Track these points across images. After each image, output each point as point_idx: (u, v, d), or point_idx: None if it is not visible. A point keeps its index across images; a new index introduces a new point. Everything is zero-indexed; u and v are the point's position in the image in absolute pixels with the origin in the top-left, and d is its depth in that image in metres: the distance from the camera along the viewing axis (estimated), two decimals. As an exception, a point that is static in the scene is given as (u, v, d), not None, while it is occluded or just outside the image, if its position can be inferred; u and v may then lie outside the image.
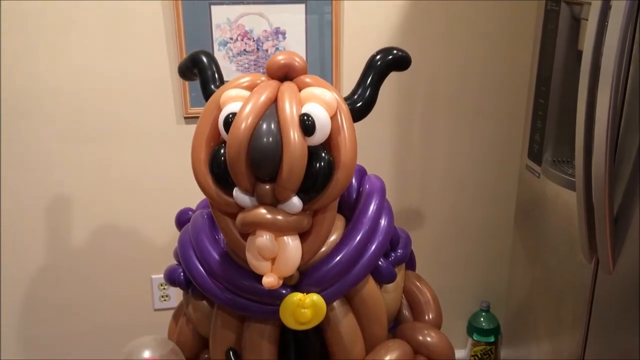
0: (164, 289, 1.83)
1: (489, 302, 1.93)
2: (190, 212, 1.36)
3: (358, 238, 1.15)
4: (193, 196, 1.40)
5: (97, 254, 1.76)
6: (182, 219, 1.36)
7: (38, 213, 1.69)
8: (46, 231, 1.71)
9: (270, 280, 1.04)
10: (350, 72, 1.65)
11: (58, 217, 1.70)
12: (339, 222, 1.20)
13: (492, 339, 1.91)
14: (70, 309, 1.80)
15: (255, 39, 1.59)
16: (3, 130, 1.59)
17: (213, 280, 1.17)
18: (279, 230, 1.03)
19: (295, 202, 1.01)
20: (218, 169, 1.04)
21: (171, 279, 1.28)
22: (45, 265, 1.74)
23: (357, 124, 1.06)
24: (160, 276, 1.79)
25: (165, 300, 1.84)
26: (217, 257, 1.17)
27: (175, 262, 1.31)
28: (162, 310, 1.85)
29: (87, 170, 1.67)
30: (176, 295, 1.84)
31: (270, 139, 0.97)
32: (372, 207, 1.19)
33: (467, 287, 1.98)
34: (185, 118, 1.66)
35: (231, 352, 1.22)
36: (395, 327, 1.35)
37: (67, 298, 1.79)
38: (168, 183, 1.71)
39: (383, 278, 1.24)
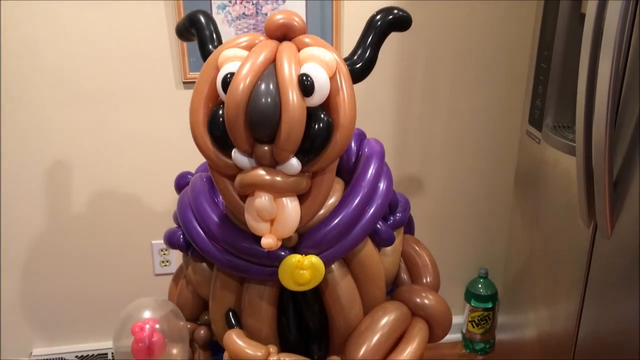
0: (164, 254, 1.84)
1: (487, 269, 1.94)
2: (189, 176, 1.36)
3: (357, 201, 1.15)
4: (192, 161, 1.40)
5: (97, 220, 1.76)
6: (181, 183, 1.36)
7: (37, 179, 1.69)
8: (46, 197, 1.71)
9: (269, 242, 1.04)
10: (351, 34, 1.63)
11: (57, 182, 1.70)
12: (338, 185, 1.20)
13: (489, 305, 1.93)
14: (70, 276, 1.81)
15: (254, 2, 1.57)
16: (2, 95, 1.58)
17: (212, 242, 1.18)
18: (277, 191, 1.02)
19: (294, 163, 1.01)
20: (216, 130, 1.03)
21: (171, 241, 1.29)
22: (45, 231, 1.75)
23: (357, 88, 1.05)
24: (160, 242, 1.80)
25: (165, 265, 1.85)
26: (216, 219, 1.17)
27: (175, 225, 1.32)
28: (163, 275, 1.86)
29: (87, 136, 1.66)
30: (176, 260, 1.85)
31: (269, 99, 0.96)
32: (371, 171, 1.18)
33: (466, 254, 1.99)
34: (184, 83, 1.64)
35: (231, 313, 1.24)
36: (393, 290, 1.36)
37: (67, 264, 1.80)
38: (167, 148, 1.71)
39: (381, 241, 1.24)
